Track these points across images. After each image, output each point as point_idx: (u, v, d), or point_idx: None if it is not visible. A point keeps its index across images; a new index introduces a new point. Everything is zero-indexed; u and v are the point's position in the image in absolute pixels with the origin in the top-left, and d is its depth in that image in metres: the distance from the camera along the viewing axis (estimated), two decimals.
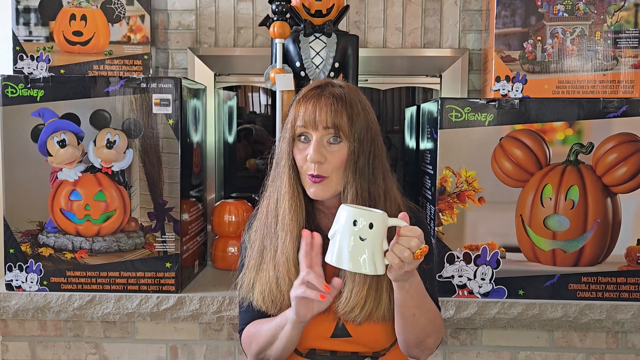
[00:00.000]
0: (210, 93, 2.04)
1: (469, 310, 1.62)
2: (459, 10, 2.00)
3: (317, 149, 1.14)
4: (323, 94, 1.16)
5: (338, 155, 1.15)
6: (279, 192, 1.20)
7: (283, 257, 1.17)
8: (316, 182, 1.15)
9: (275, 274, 1.18)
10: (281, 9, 1.64)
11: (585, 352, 1.74)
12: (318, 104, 1.15)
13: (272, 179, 1.24)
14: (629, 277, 1.62)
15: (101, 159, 1.63)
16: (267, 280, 1.19)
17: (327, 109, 1.14)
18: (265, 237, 1.22)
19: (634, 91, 1.71)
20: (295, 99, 1.21)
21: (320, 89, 1.18)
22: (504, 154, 1.60)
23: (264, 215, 1.23)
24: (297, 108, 1.18)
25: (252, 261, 1.24)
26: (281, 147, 1.21)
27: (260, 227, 1.24)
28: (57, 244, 1.65)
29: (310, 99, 1.17)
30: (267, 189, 1.25)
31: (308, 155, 1.14)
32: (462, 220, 1.61)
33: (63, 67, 1.82)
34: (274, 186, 1.22)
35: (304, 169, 1.17)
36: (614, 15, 1.70)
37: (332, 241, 1.04)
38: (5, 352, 1.78)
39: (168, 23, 2.02)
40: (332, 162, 1.15)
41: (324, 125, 1.14)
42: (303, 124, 1.15)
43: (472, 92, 2.01)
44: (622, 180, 1.60)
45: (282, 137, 1.21)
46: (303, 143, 1.17)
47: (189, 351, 1.78)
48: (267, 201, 1.24)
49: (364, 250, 1.02)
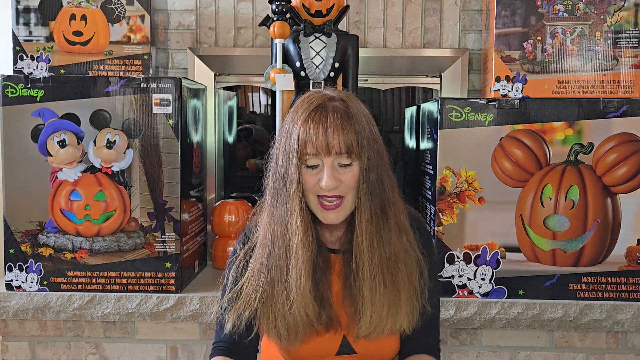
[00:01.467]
0: (210, 93, 2.04)
1: (469, 310, 1.62)
2: (459, 10, 2.00)
3: (331, 174, 1.08)
4: (328, 114, 1.10)
5: (351, 175, 1.10)
6: (290, 224, 1.12)
7: (298, 294, 1.11)
8: (331, 209, 1.11)
9: (290, 308, 1.12)
10: (281, 9, 1.64)
11: (585, 352, 1.74)
12: (326, 126, 1.08)
13: (272, 204, 1.15)
14: (629, 277, 1.62)
15: (101, 159, 1.63)
16: (282, 314, 1.13)
17: (337, 132, 1.08)
18: (273, 269, 1.14)
19: (634, 91, 1.71)
20: (296, 118, 1.12)
21: (322, 108, 1.11)
22: (504, 154, 1.60)
23: (269, 245, 1.15)
24: (303, 130, 1.09)
25: (257, 294, 1.15)
26: (286, 170, 1.11)
27: (265, 256, 1.16)
28: (57, 244, 1.65)
29: (317, 121, 1.09)
30: (266, 213, 1.16)
31: (321, 183, 1.09)
32: (462, 220, 1.61)
33: (63, 67, 1.82)
34: (278, 213, 1.14)
35: (314, 192, 1.11)
36: (614, 15, 1.70)
37: None
38: (5, 352, 1.79)
39: (168, 23, 2.02)
40: (346, 182, 1.10)
41: (337, 150, 1.08)
42: (314, 151, 1.08)
43: (472, 92, 2.01)
44: (622, 180, 1.60)
45: (284, 159, 1.12)
46: (310, 169, 1.11)
47: (189, 351, 1.78)
48: (269, 228, 1.15)
49: None
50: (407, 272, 1.14)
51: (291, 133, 1.11)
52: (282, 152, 1.13)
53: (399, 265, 1.13)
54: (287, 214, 1.12)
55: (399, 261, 1.14)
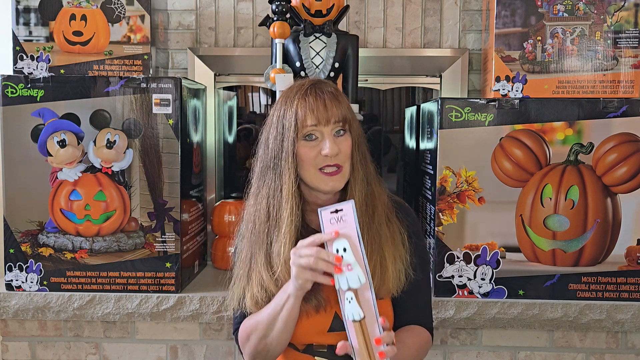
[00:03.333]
0: (210, 93, 2.04)
1: (469, 310, 1.62)
2: (459, 10, 2.00)
3: (332, 140, 1.17)
4: (324, 89, 1.19)
5: (347, 145, 1.20)
6: (278, 194, 1.20)
7: (280, 259, 1.18)
8: (334, 175, 1.18)
9: (271, 276, 1.19)
10: (281, 9, 1.64)
11: (585, 352, 1.74)
12: (324, 98, 1.18)
13: (259, 186, 1.23)
14: (629, 277, 1.62)
15: (101, 159, 1.63)
16: (260, 283, 1.20)
17: (333, 103, 1.18)
18: (254, 245, 1.23)
19: (634, 91, 1.71)
20: (290, 99, 1.20)
21: (315, 86, 1.20)
22: (504, 154, 1.60)
23: (252, 224, 1.23)
24: (299, 106, 1.18)
25: (241, 271, 1.25)
26: (281, 146, 1.19)
27: (247, 235, 1.25)
28: (57, 244, 1.65)
29: (314, 95, 1.18)
30: (252, 196, 1.25)
31: (323, 150, 1.17)
32: (462, 220, 1.61)
33: (63, 67, 1.82)
34: (265, 192, 1.22)
35: (315, 164, 1.18)
36: (614, 15, 1.70)
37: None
38: (5, 352, 1.79)
39: (168, 23, 2.02)
40: (344, 150, 1.19)
41: (336, 119, 1.18)
42: (315, 122, 1.17)
43: (472, 92, 2.01)
44: (622, 180, 1.60)
45: (278, 139, 1.20)
46: (311, 141, 1.18)
47: (189, 351, 1.78)
48: (255, 208, 1.23)
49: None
50: (389, 235, 1.23)
51: (285, 113, 1.19)
52: (275, 133, 1.20)
53: (381, 229, 1.22)
54: (277, 187, 1.20)
55: (382, 225, 1.23)
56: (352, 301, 1.06)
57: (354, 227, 1.07)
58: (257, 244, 1.22)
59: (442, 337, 1.73)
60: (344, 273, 1.06)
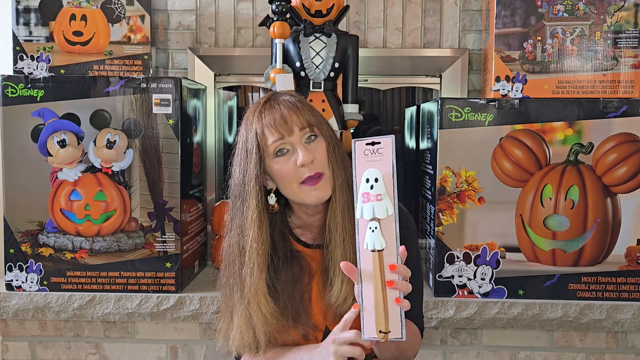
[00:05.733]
0: (210, 93, 2.04)
1: (469, 310, 1.62)
2: (459, 10, 2.00)
3: (304, 148, 1.13)
4: (279, 101, 1.15)
5: (322, 150, 1.15)
6: (244, 221, 1.15)
7: (252, 290, 1.14)
8: (316, 184, 1.14)
9: (246, 312, 1.15)
10: (281, 9, 1.64)
11: (585, 352, 1.74)
12: (280, 110, 1.13)
13: (232, 217, 1.19)
14: (629, 277, 1.62)
15: (101, 159, 1.63)
16: (245, 322, 1.17)
17: (292, 111, 1.13)
18: (230, 277, 1.19)
19: (634, 91, 1.71)
20: (249, 121, 1.16)
21: (270, 100, 1.16)
22: (504, 154, 1.60)
23: (227, 259, 1.20)
24: (257, 125, 1.14)
25: (225, 308, 1.22)
26: (245, 172, 1.15)
27: (224, 272, 1.21)
28: (57, 244, 1.65)
29: (269, 108, 1.14)
30: (227, 230, 1.20)
31: (298, 160, 1.12)
32: (462, 220, 1.61)
33: (63, 67, 1.82)
34: (237, 222, 1.17)
35: (296, 178, 1.14)
36: (614, 15, 1.70)
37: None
38: (5, 352, 1.79)
39: (168, 23, 2.02)
40: (319, 157, 1.14)
41: (299, 126, 1.13)
42: (278, 135, 1.12)
43: (472, 92, 2.01)
44: (622, 180, 1.60)
45: (242, 165, 1.16)
46: (281, 157, 1.14)
47: (189, 351, 1.78)
48: (228, 243, 1.20)
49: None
50: None
51: (247, 136, 1.15)
52: (239, 160, 1.17)
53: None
54: (243, 215, 1.15)
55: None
56: (376, 230, 1.01)
57: (390, 162, 1.03)
58: (235, 282, 1.18)
59: (442, 337, 1.74)
60: (371, 202, 1.02)
